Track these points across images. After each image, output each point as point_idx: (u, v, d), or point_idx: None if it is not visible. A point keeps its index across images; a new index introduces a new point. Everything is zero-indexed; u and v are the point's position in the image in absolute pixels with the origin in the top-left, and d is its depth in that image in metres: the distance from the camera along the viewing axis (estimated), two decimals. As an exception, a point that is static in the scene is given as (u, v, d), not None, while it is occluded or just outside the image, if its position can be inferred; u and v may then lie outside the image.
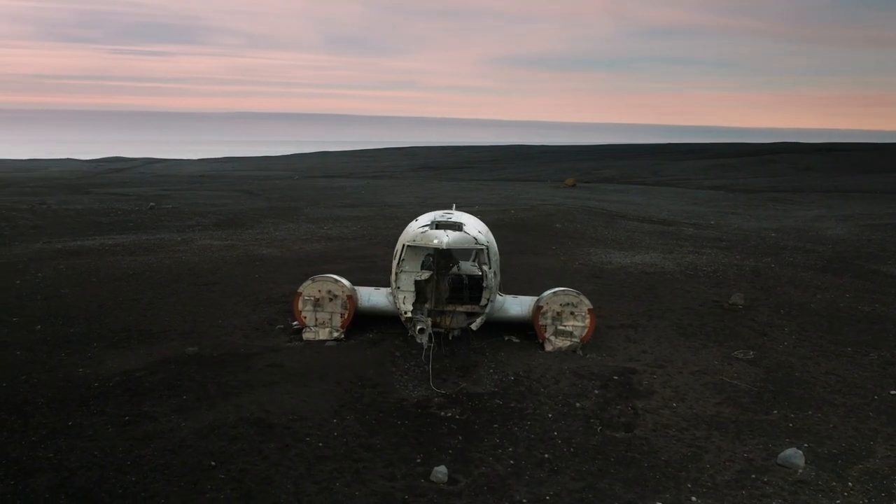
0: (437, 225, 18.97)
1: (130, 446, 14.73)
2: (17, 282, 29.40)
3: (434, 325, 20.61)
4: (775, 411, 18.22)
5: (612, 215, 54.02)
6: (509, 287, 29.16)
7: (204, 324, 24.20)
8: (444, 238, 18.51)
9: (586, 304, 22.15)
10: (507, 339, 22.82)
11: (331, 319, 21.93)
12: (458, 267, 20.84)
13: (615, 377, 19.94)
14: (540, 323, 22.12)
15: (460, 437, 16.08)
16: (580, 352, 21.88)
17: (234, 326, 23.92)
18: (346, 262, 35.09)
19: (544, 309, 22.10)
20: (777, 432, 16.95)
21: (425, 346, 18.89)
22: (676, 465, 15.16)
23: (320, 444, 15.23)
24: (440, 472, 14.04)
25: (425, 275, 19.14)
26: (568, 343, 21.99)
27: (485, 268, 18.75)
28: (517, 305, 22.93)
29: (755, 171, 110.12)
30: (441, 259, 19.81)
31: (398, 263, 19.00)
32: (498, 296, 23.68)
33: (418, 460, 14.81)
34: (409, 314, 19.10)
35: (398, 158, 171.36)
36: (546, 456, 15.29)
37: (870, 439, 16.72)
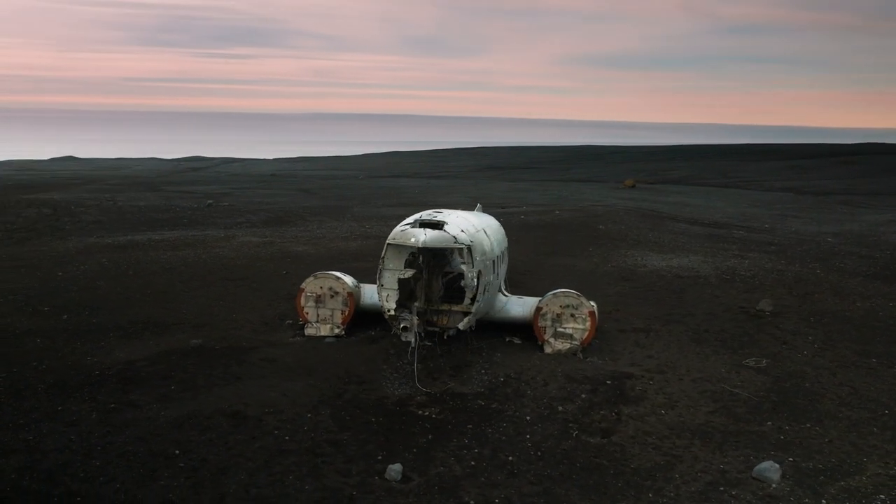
0: (422, 224, 18.98)
1: (106, 432, 15.36)
2: (59, 273, 31.00)
3: (430, 323, 20.61)
4: (770, 422, 17.45)
5: (661, 217, 52.66)
6: (533, 288, 28.92)
7: (219, 317, 24.94)
8: (422, 237, 18.50)
9: (587, 306, 21.73)
10: (508, 340, 22.62)
11: (332, 316, 22.25)
12: (450, 266, 20.80)
13: (608, 382, 19.50)
14: (539, 324, 21.83)
15: (430, 437, 16.06)
16: (580, 355, 21.48)
17: (246, 321, 24.57)
18: (376, 260, 35.44)
19: (544, 310, 21.80)
20: (764, 444, 16.23)
21: (412, 345, 18.92)
22: (644, 474, 14.72)
23: (286, 438, 15.50)
24: (394, 469, 14.08)
25: (408, 273, 19.19)
26: (568, 346, 21.63)
27: (464, 267, 18.64)
28: (519, 306, 22.71)
29: (830, 173, 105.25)
30: (432, 258, 19.82)
31: (382, 261, 19.13)
32: (501, 296, 23.53)
33: (380, 458, 14.89)
34: (392, 312, 19.18)
35: (466, 159, 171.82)
36: (510, 458, 15.11)
37: (864, 456, 15.81)
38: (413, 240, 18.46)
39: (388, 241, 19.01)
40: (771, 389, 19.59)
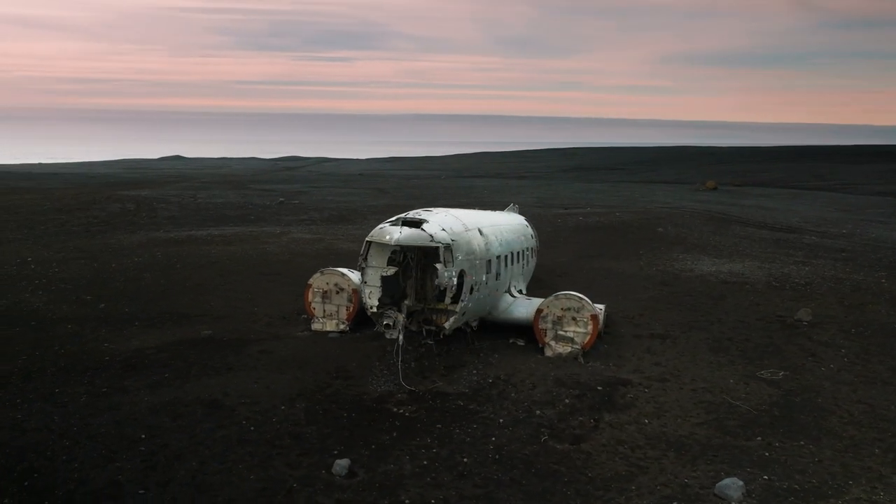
0: (404, 222, 18.92)
1: (88, 415, 16.22)
2: (113, 265, 32.85)
3: (427, 322, 20.58)
4: (759, 438, 16.49)
5: (728, 221, 50.45)
6: (562, 290, 28.42)
7: (241, 310, 25.80)
8: (396, 234, 18.46)
9: (589, 309, 21.15)
10: (511, 341, 22.33)
11: (337, 312, 22.59)
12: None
13: (599, 388, 18.93)
14: (540, 327, 21.42)
15: (395, 434, 16.09)
16: (581, 359, 20.93)
17: (265, 314, 25.31)
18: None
19: (544, 312, 21.38)
20: (743, 460, 15.35)
21: (399, 342, 18.94)
22: (599, 484, 14.23)
23: (251, 429, 15.90)
24: (340, 464, 14.20)
25: (391, 270, 19.19)
26: (569, 349, 21.13)
27: (439, 266, 18.42)
28: (524, 308, 22.36)
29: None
30: (423, 257, 19.73)
31: (365, 258, 19.18)
32: (508, 296, 23.23)
33: (335, 452, 15.03)
34: (375, 309, 19.24)
35: (554, 159, 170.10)
36: (465, 460, 14.94)
37: (851, 478, 14.70)
38: (388, 237, 18.50)
39: (367, 239, 19.14)
40: (776, 403, 18.51)
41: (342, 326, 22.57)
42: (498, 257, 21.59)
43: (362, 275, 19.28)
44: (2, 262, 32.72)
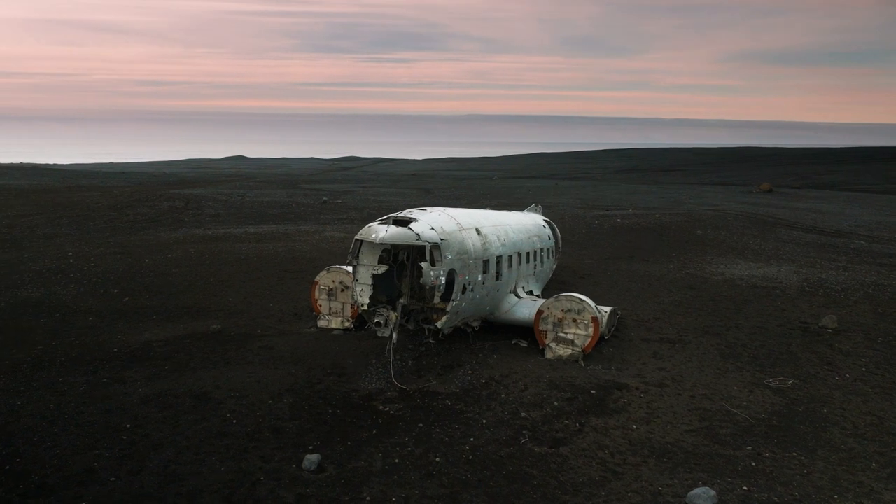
0: (394, 221, 18.87)
1: (81, 403, 16.82)
2: (146, 260, 33.95)
3: (426, 321, 20.53)
4: (749, 447, 15.92)
5: (774, 224, 48.82)
6: (584, 292, 28.11)
7: (257, 306, 26.33)
8: (382, 233, 18.43)
9: (590, 311, 20.79)
10: (514, 342, 22.13)
11: (342, 309, 22.80)
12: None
13: (592, 391, 18.60)
14: (540, 328, 21.16)
15: (374, 432, 16.16)
16: (581, 362, 20.59)
17: (278, 310, 25.76)
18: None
19: (545, 314, 21.10)
20: (725, 470, 14.86)
21: (393, 340, 18.95)
22: (569, 488, 13.99)
23: (234, 422, 16.21)
24: (310, 459, 14.33)
25: (382, 269, 19.20)
26: (569, 352, 20.81)
27: (424, 265, 18.29)
28: (527, 309, 22.11)
29: None
30: (419, 256, 19.64)
31: (356, 257, 19.21)
32: (513, 297, 23.02)
33: (311, 447, 15.19)
34: (366, 307, 19.28)
35: (611, 160, 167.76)
36: (437, 459, 14.89)
37: (838, 493, 14.05)
38: (374, 235, 18.52)
39: (355, 237, 19.21)
40: (777, 412, 17.84)
41: (347, 324, 22.77)
42: (499, 257, 21.39)
43: (354, 273, 19.41)
44: (45, 256, 34.20)
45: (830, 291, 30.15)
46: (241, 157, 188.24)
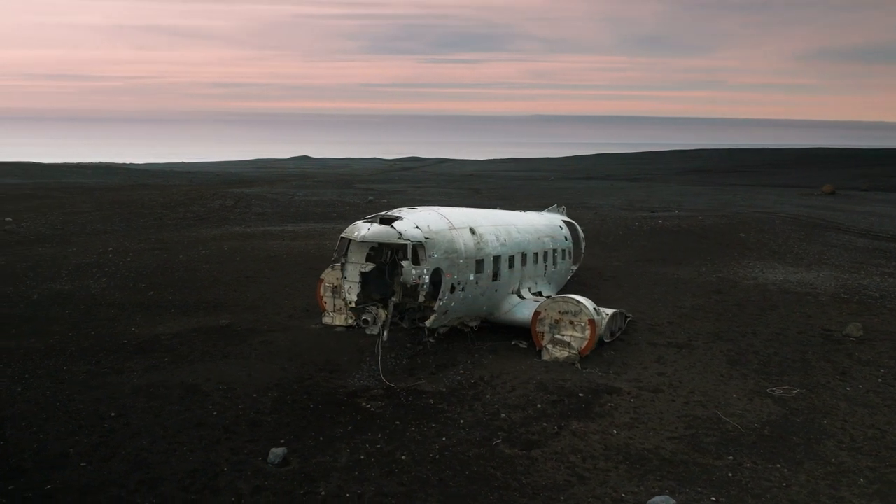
0: (381, 219, 18.91)
1: (76, 392, 17.52)
2: (180, 256, 35.06)
3: (422, 319, 20.54)
4: (731, 457, 15.36)
5: (824, 227, 46.85)
6: (602, 294, 27.81)
7: (271, 302, 26.88)
8: (364, 231, 18.45)
9: (587, 314, 20.41)
10: (513, 343, 21.93)
11: (346, 306, 22.99)
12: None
13: (581, 394, 18.27)
14: (537, 330, 20.91)
15: (349, 428, 16.29)
16: (578, 365, 20.25)
17: (290, 307, 26.23)
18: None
19: (542, 315, 20.84)
20: (698, 479, 14.38)
21: (384, 338, 19.02)
22: (528, 491, 13.79)
23: (214, 413, 16.60)
24: (275, 453, 14.55)
25: (369, 266, 19.25)
26: (566, 354, 20.49)
27: (404, 263, 18.20)
28: (527, 309, 21.85)
29: None
30: (402, 254, 19.55)
31: (345, 254, 19.33)
32: (514, 297, 22.81)
33: (282, 441, 15.43)
34: (353, 304, 19.37)
35: (674, 161, 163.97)
36: (403, 458, 14.90)
37: (814, 508, 13.43)
38: (356, 234, 18.60)
39: (341, 235, 19.33)
40: (772, 422, 17.16)
41: (350, 321, 22.92)
42: (496, 257, 21.21)
43: (342, 270, 19.59)
44: (87, 251, 35.71)
45: (866, 298, 28.78)
46: (305, 158, 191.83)
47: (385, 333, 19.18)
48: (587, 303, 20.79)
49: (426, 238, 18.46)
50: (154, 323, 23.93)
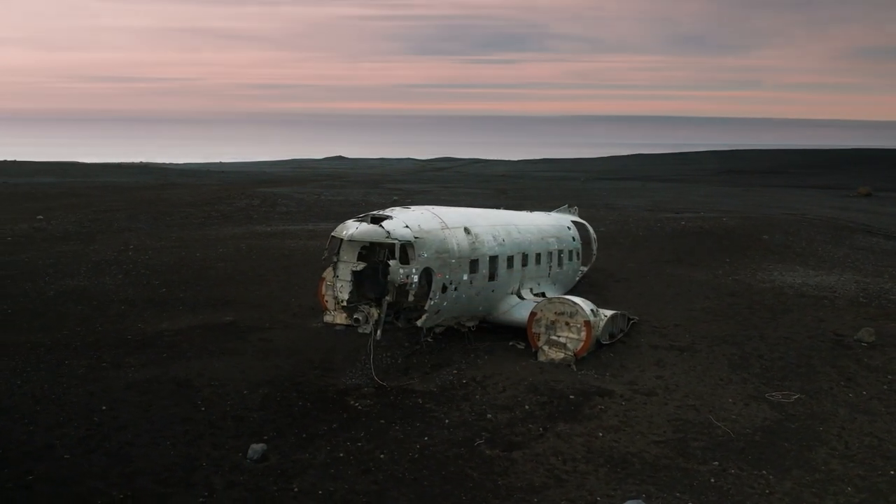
0: (372, 219, 18.94)
1: (72, 385, 17.90)
2: (197, 254, 35.59)
3: (419, 319, 20.51)
4: (716, 462, 15.09)
5: (853, 230, 45.61)
6: (614, 296, 27.59)
7: (279, 300, 27.13)
8: (352, 230, 18.48)
9: (583, 315, 20.20)
10: (511, 344, 21.80)
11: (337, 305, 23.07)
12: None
13: (572, 396, 18.10)
14: (533, 331, 20.76)
15: (334, 426, 16.38)
16: (574, 366, 20.06)
17: (298, 305, 26.45)
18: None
19: (538, 316, 20.68)
20: (678, 484, 14.15)
21: (376, 337, 19.03)
22: (503, 492, 13.71)
23: (203, 409, 16.84)
24: (255, 449, 14.70)
25: (360, 266, 19.26)
26: (562, 355, 20.30)
27: (392, 262, 18.17)
28: (525, 310, 21.68)
29: None
30: (390, 253, 19.51)
31: (337, 253, 19.39)
32: (514, 297, 22.67)
33: (265, 438, 15.57)
34: (345, 303, 19.41)
35: (711, 162, 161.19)
36: (381, 456, 14.94)
37: (794, 516, 13.10)
38: (345, 232, 18.67)
39: (331, 234, 19.40)
40: (765, 428, 16.81)
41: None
42: (493, 257, 21.09)
43: (334, 269, 19.67)
44: (108, 248, 36.45)
45: (886, 303, 27.97)
46: (340, 158, 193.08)
47: (378, 332, 19.20)
48: (583, 304, 20.59)
49: (416, 237, 18.46)
50: (160, 319, 24.34)
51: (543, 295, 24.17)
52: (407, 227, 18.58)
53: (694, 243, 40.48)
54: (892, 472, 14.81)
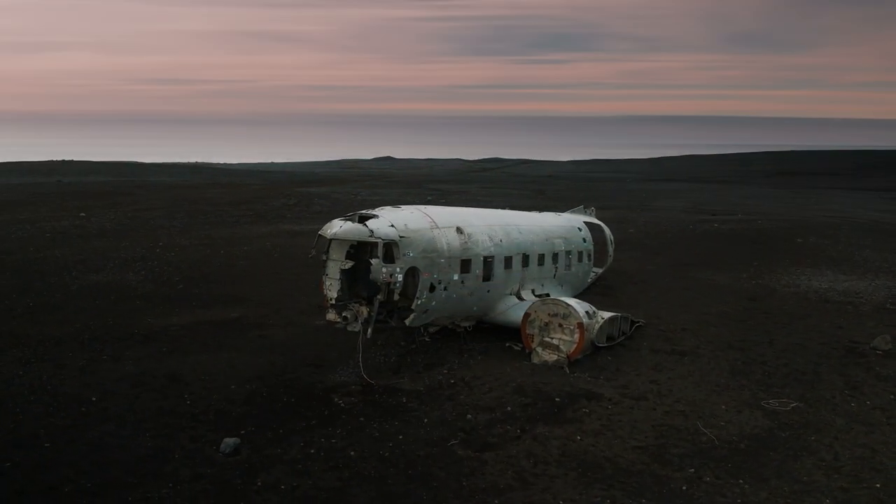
0: (360, 217, 18.97)
1: (69, 377, 18.48)
2: (222, 252, 36.33)
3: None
4: (692, 470, 14.71)
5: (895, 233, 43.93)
6: (627, 298, 27.26)
7: (290, 298, 27.51)
8: (336, 228, 18.56)
9: (576, 317, 19.92)
10: (507, 345, 21.63)
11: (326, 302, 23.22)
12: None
13: (557, 399, 17.87)
14: (527, 332, 20.56)
15: (313, 422, 16.53)
16: (567, 369, 19.80)
17: (306, 302, 26.73)
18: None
19: (532, 317, 20.48)
20: (649, 491, 13.84)
21: (368, 335, 19.10)
22: (465, 493, 13.62)
23: (188, 403, 17.19)
24: (227, 442, 14.94)
25: (348, 264, 19.30)
26: (555, 357, 20.07)
27: (374, 261, 18.11)
28: (522, 311, 21.48)
29: None
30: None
31: (326, 251, 19.47)
32: (512, 298, 22.48)
33: (243, 432, 15.82)
34: (333, 301, 19.49)
35: (765, 163, 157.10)
36: (352, 453, 15.01)
37: (760, 526, 12.69)
38: (329, 231, 18.79)
39: (318, 232, 19.51)
40: (753, 436, 16.32)
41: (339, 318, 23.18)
42: (489, 257, 20.96)
43: (324, 267, 19.82)
44: (137, 245, 37.48)
45: (913, 310, 26.83)
46: (388, 158, 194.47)
47: (369, 331, 19.28)
48: (577, 305, 20.31)
49: (401, 237, 18.49)
50: (171, 314, 24.92)
51: (548, 296, 23.92)
52: (392, 226, 18.63)
53: (724, 246, 39.60)
54: (877, 486, 14.20)
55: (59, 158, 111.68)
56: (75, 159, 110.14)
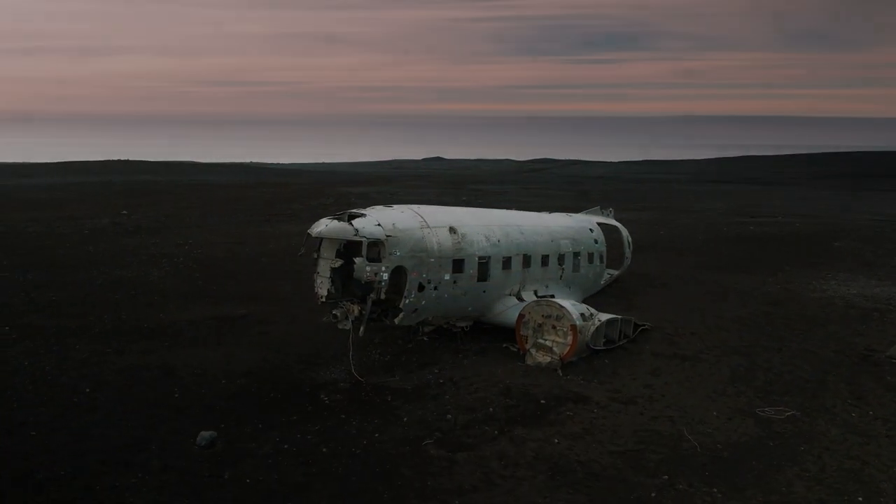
0: (349, 216, 19.00)
1: (70, 367, 19.08)
2: (247, 250, 37.07)
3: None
4: (666, 476, 14.35)
5: (942, 238, 41.99)
6: (638, 302, 26.88)
7: (301, 296, 27.76)
8: (321, 227, 18.64)
9: (569, 319, 19.62)
10: (504, 346, 21.44)
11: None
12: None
13: (542, 401, 17.65)
14: (521, 333, 20.35)
15: (294, 418, 16.69)
16: (559, 371, 19.53)
17: (317, 302, 27.04)
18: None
19: (526, 318, 20.26)
20: (615, 498, 13.55)
21: (360, 333, 19.17)
22: (428, 493, 13.56)
23: (176, 396, 17.57)
24: (203, 436, 15.19)
25: (338, 262, 19.35)
26: (549, 359, 19.82)
27: (357, 260, 18.08)
28: (517, 311, 21.26)
29: None
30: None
31: (318, 250, 19.59)
32: (511, 299, 22.28)
33: (222, 425, 16.08)
34: (324, 299, 19.57)
35: (824, 165, 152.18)
36: (323, 450, 15.10)
37: (724, 537, 12.29)
38: (316, 230, 18.91)
39: (307, 231, 19.62)
40: (740, 444, 15.83)
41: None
42: (484, 257, 20.80)
43: (315, 265, 19.95)
44: (167, 243, 38.56)
45: (942, 317, 25.62)
46: (438, 159, 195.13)
47: (361, 329, 19.38)
48: (571, 307, 20.01)
49: (388, 236, 18.52)
50: (182, 310, 25.50)
51: (552, 297, 23.64)
52: (379, 225, 18.68)
53: (754, 249, 38.55)
54: (860, 499, 13.61)
55: (117, 158, 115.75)
56: (131, 159, 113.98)
